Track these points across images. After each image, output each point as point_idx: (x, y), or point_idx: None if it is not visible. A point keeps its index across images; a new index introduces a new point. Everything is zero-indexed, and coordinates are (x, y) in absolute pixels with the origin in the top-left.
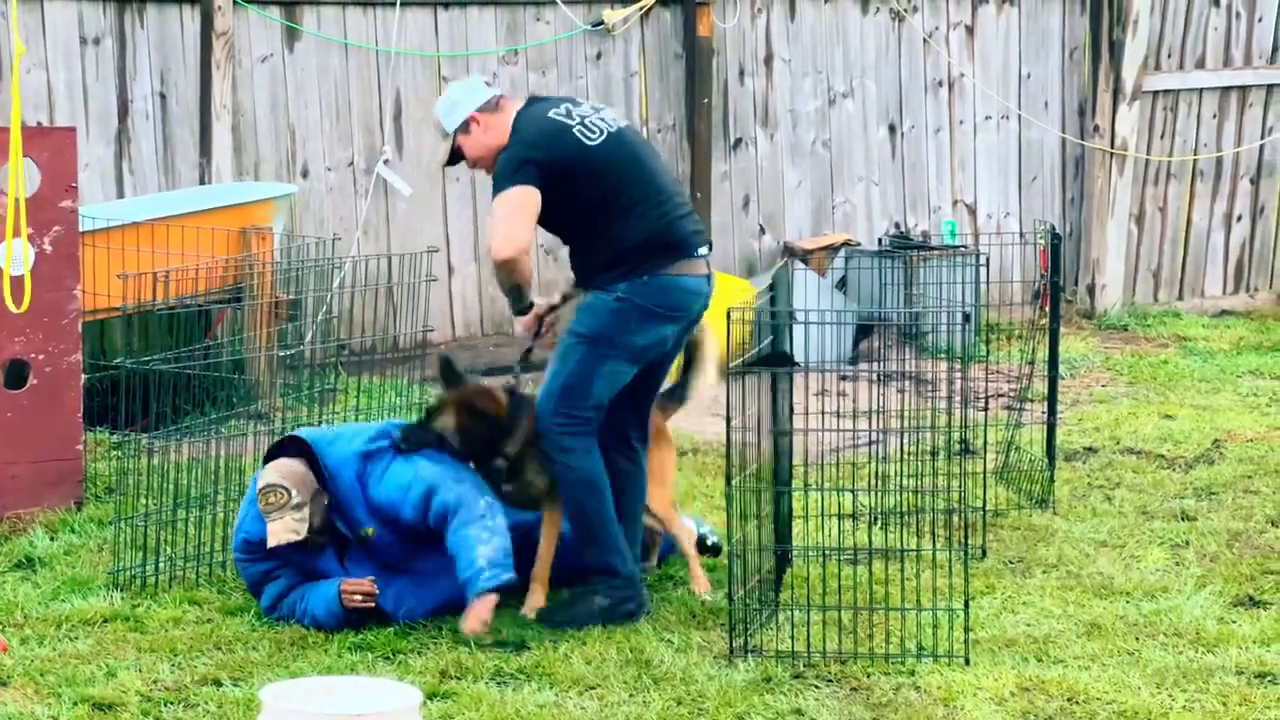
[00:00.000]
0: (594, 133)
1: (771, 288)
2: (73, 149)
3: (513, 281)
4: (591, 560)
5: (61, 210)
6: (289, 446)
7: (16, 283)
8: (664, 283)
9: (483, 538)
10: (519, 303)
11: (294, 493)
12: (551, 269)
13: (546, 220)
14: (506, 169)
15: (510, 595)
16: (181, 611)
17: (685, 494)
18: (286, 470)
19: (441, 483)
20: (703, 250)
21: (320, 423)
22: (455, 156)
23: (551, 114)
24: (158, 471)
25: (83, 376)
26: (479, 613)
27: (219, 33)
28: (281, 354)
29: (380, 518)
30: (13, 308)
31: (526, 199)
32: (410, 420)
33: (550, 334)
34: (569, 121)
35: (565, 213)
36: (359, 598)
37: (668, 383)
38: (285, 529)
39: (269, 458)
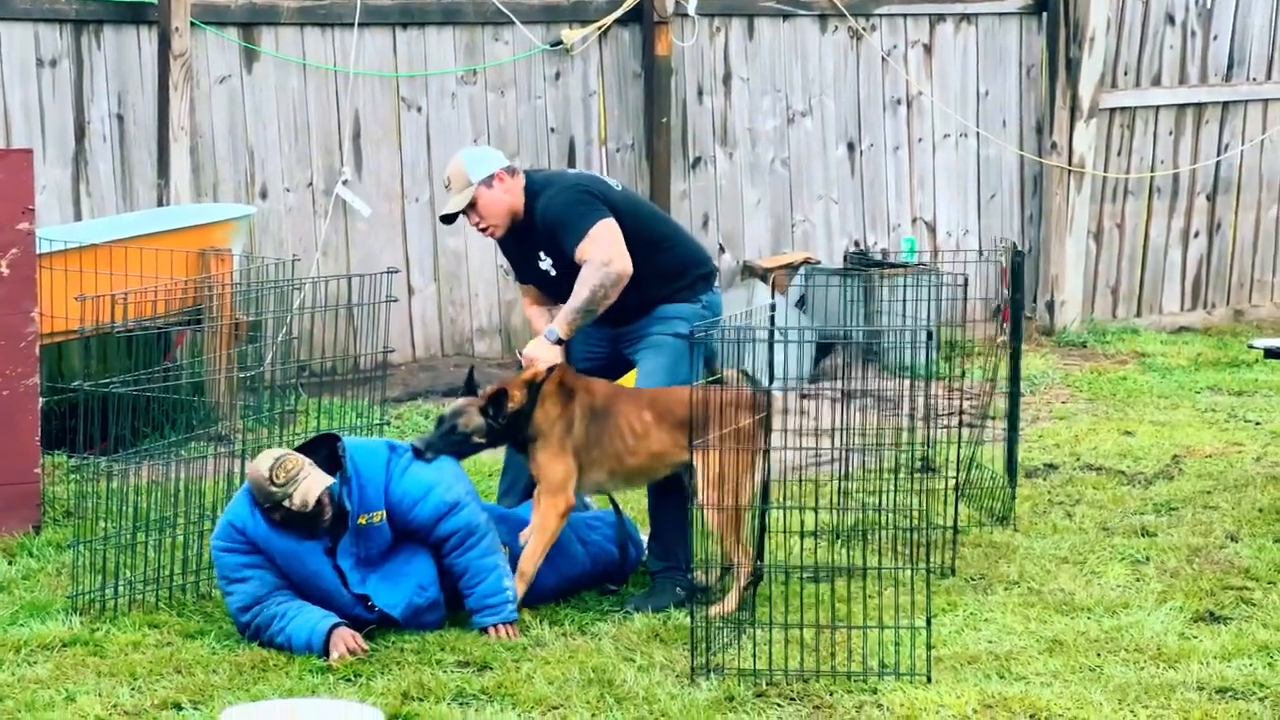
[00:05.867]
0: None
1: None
2: (29, 171)
3: (610, 301)
4: (673, 551)
5: (18, 233)
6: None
7: None
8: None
9: (507, 571)
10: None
11: (306, 461)
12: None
13: None
14: (583, 204)
15: (467, 617)
16: (141, 635)
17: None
18: (287, 449)
19: (467, 502)
20: None
21: (281, 445)
22: (453, 214)
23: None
24: (117, 495)
25: (40, 400)
26: (510, 633)
27: (176, 54)
28: (241, 376)
29: (392, 509)
30: None
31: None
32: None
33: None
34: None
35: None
36: (343, 650)
37: None
38: (317, 484)
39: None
